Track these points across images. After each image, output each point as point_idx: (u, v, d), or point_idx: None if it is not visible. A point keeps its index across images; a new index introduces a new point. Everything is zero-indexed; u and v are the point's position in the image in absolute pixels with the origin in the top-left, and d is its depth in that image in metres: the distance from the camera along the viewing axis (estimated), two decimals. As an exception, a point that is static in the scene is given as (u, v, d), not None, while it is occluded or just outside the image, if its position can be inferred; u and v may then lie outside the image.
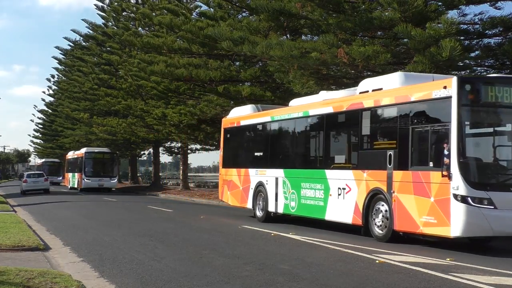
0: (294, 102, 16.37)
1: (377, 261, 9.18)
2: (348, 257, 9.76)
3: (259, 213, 16.83)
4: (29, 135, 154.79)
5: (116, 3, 48.01)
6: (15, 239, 11.65)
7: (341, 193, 13.20)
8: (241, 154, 19.04)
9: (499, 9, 17.22)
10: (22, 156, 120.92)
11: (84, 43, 57.71)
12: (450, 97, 10.37)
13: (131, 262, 9.37)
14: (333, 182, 13.49)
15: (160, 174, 54.02)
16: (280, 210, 15.82)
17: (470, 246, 11.39)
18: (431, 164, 10.76)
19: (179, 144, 44.60)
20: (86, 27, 53.46)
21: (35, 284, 7.28)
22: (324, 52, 17.20)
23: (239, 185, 18.10)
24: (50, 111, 73.39)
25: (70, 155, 49.92)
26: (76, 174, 44.39)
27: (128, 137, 42.66)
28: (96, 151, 43.56)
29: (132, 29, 40.53)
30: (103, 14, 51.00)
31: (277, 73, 21.40)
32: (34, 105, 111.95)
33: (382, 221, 11.89)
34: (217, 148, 39.99)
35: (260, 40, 19.86)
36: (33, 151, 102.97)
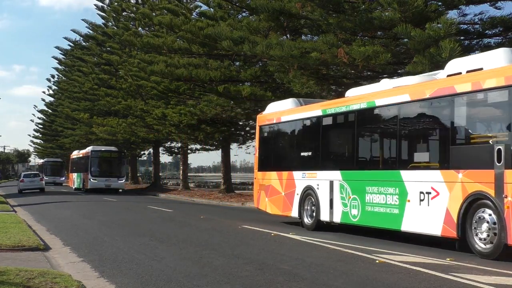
0: (351, 92, 14.24)
1: (377, 261, 9.18)
2: (348, 257, 9.76)
3: (307, 220, 14.62)
4: (29, 135, 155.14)
5: (116, 3, 48.05)
6: (15, 239, 11.64)
7: (425, 199, 10.93)
8: (283, 154, 16.87)
9: (499, 9, 17.27)
10: (22, 156, 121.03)
11: (84, 43, 57.79)
12: None
13: (131, 262, 9.37)
14: (412, 185, 11.23)
15: (160, 174, 54.03)
16: (337, 219, 13.57)
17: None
18: None
19: (179, 144, 44.64)
20: (86, 27, 53.63)
21: (35, 284, 7.28)
22: (324, 52, 17.21)
23: (280, 191, 15.86)
24: (50, 111, 73.48)
25: (75, 154, 48.32)
26: (81, 174, 42.98)
27: (128, 137, 42.63)
28: (103, 149, 41.74)
29: (132, 29, 40.56)
30: (103, 14, 51.08)
31: (277, 73, 21.41)
32: (34, 105, 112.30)
33: (488, 233, 9.67)
34: (217, 148, 40.02)
35: (260, 40, 19.86)
36: (33, 151, 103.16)
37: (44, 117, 77.30)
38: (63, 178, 60.52)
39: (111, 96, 42.82)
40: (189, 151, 44.07)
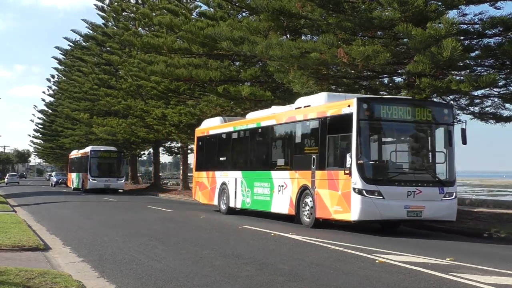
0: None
1: (377, 261, 9.18)
2: (348, 257, 9.76)
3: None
4: (29, 135, 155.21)
5: (116, 3, 48.05)
6: (15, 239, 11.64)
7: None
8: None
9: (499, 9, 17.22)
10: (22, 156, 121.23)
11: (84, 43, 57.76)
12: None
13: (131, 262, 9.37)
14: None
15: (160, 174, 53.99)
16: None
17: (470, 246, 11.37)
18: None
19: (179, 144, 44.65)
20: (86, 27, 53.52)
21: (35, 284, 7.28)
22: (324, 52, 17.18)
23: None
24: (50, 111, 73.45)
25: (212, 124, 22.09)
26: (238, 183, 18.87)
27: (128, 137, 42.61)
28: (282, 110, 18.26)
29: (132, 29, 40.57)
30: (103, 14, 51.04)
31: (277, 73, 21.38)
32: (34, 105, 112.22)
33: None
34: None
35: (260, 40, 19.84)
36: (33, 151, 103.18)
37: (44, 117, 77.27)
38: (122, 181, 40.44)
39: (111, 96, 42.81)
40: (189, 151, 44.08)
